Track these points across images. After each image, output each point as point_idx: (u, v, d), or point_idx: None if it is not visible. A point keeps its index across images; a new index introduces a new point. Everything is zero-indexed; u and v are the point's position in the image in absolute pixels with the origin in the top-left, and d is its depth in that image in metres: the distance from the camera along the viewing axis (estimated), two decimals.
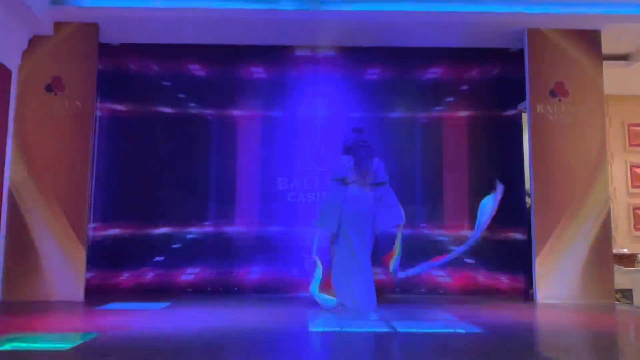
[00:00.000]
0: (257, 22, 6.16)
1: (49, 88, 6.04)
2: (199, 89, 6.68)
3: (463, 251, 5.63)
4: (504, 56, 6.68)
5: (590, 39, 6.23)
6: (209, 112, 6.68)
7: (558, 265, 5.92)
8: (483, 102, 6.74)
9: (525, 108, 6.36)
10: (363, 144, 5.52)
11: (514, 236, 6.42)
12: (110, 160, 6.50)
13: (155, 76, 6.65)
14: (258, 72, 6.75)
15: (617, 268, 6.41)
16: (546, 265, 5.93)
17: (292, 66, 6.75)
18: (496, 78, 6.72)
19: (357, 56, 6.71)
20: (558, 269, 5.92)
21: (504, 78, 6.67)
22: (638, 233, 7.76)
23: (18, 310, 5.08)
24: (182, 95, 6.68)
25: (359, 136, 5.60)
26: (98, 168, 6.37)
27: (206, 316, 4.87)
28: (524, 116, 6.51)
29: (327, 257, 5.52)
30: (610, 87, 6.61)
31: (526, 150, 6.41)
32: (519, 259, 6.33)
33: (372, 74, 6.76)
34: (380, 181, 5.46)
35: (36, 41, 6.05)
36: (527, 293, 6.20)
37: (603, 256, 5.96)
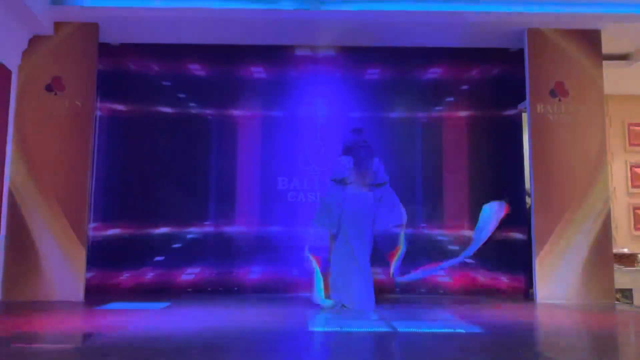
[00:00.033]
0: (257, 22, 6.16)
1: (49, 88, 6.03)
2: (199, 89, 6.68)
3: (461, 260, 5.63)
4: (504, 56, 6.68)
5: (590, 39, 6.23)
6: (209, 112, 6.69)
7: (558, 265, 5.92)
8: (483, 102, 6.73)
9: (525, 108, 6.36)
10: (363, 145, 5.51)
11: (514, 236, 6.42)
12: (110, 160, 6.50)
13: (155, 76, 6.65)
14: (258, 72, 6.75)
15: (617, 268, 6.40)
16: (546, 265, 5.93)
17: (292, 66, 6.74)
18: (496, 78, 6.72)
19: (357, 56, 6.71)
20: (558, 269, 5.92)
21: (504, 78, 6.67)
22: (638, 233, 7.76)
23: (18, 310, 5.07)
24: (182, 95, 6.68)
25: (359, 136, 5.59)
26: (98, 168, 6.37)
27: (206, 316, 4.87)
28: (524, 116, 6.51)
29: (321, 258, 5.52)
30: (610, 87, 6.61)
31: (526, 150, 6.41)
32: (519, 259, 6.34)
33: (372, 74, 6.76)
34: (380, 181, 5.46)
35: (36, 41, 6.05)
36: (527, 293, 6.21)
37: (603, 256, 5.96)
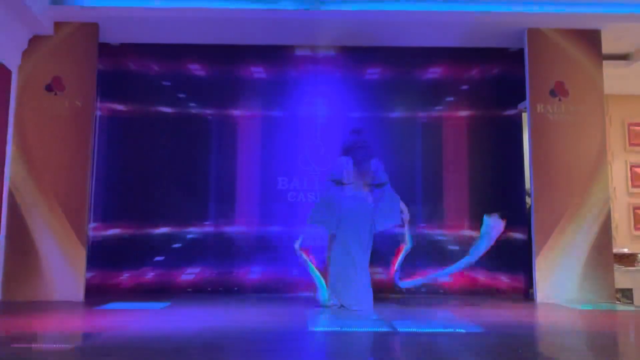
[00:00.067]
0: (257, 22, 6.16)
1: (49, 88, 6.03)
2: (199, 89, 6.68)
3: (461, 268, 5.64)
4: (504, 56, 6.68)
5: (590, 39, 6.23)
6: (209, 112, 6.69)
7: (558, 265, 5.92)
8: (483, 102, 6.73)
9: (525, 108, 6.36)
10: (361, 145, 5.51)
11: (514, 236, 6.41)
12: (110, 160, 6.50)
13: (155, 76, 6.65)
14: (258, 72, 6.75)
15: (618, 268, 6.41)
16: (546, 265, 5.93)
17: (292, 66, 6.74)
18: (496, 78, 6.72)
19: (357, 56, 6.70)
20: (558, 269, 5.92)
21: (504, 78, 6.67)
22: (638, 233, 7.75)
23: (18, 310, 5.07)
24: (182, 95, 6.68)
25: (358, 137, 5.59)
26: (98, 168, 6.37)
27: (206, 316, 4.87)
28: (524, 116, 6.51)
29: (311, 249, 5.61)
30: (610, 87, 6.61)
31: (526, 150, 6.41)
32: (519, 259, 6.34)
33: (372, 74, 6.76)
34: (379, 182, 5.46)
35: (36, 41, 6.05)
36: (527, 293, 6.20)
37: (603, 256, 5.96)
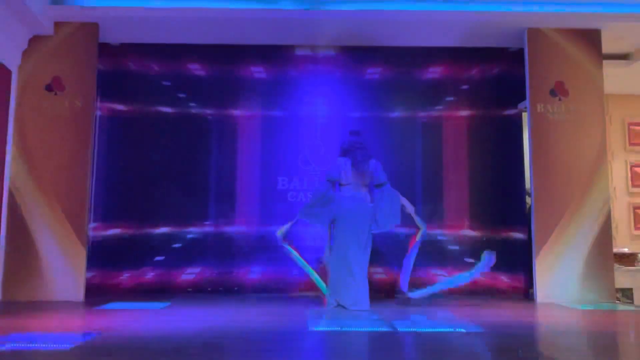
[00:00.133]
0: (257, 22, 6.16)
1: (49, 88, 6.03)
2: (199, 89, 6.68)
3: (460, 283, 5.67)
4: (504, 56, 6.68)
5: (590, 39, 6.22)
6: (209, 112, 6.69)
7: (558, 264, 5.92)
8: (483, 102, 6.73)
9: (525, 107, 6.36)
10: (360, 146, 5.52)
11: (514, 236, 6.42)
12: (110, 160, 6.50)
13: (155, 76, 6.65)
14: (258, 72, 6.75)
15: (618, 267, 6.40)
16: (546, 264, 5.93)
17: (293, 66, 6.74)
18: (496, 77, 6.71)
19: (357, 56, 6.70)
20: (558, 269, 5.92)
21: (504, 77, 6.66)
22: (638, 232, 7.76)
23: (18, 310, 5.07)
24: (182, 95, 6.68)
25: (356, 138, 5.60)
26: (98, 168, 6.37)
27: (206, 316, 4.88)
28: (524, 115, 6.51)
29: (313, 258, 5.75)
30: (610, 87, 6.61)
31: (526, 149, 6.41)
32: (519, 259, 6.33)
33: (372, 74, 6.76)
34: (378, 182, 5.47)
35: (36, 41, 6.05)
36: (527, 293, 6.20)
37: (603, 255, 5.95)
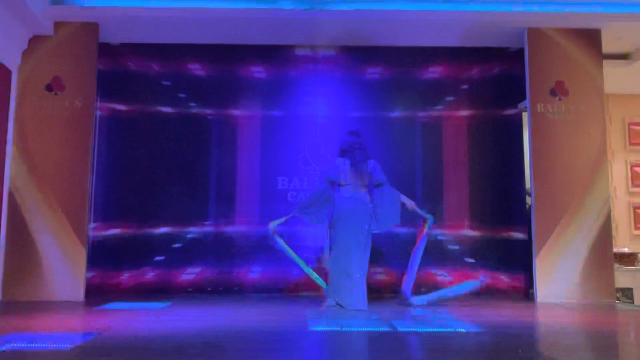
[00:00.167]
0: (257, 22, 6.16)
1: (49, 88, 6.03)
2: (199, 89, 6.68)
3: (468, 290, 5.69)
4: (504, 55, 6.67)
5: (590, 38, 6.22)
6: (209, 112, 6.68)
7: (558, 264, 5.92)
8: (483, 102, 6.73)
9: (525, 107, 6.36)
10: (359, 147, 5.51)
11: (514, 235, 6.41)
12: (110, 160, 6.49)
13: (155, 76, 6.65)
14: (258, 72, 6.75)
15: (618, 267, 6.40)
16: (546, 264, 5.93)
17: (292, 66, 6.74)
18: (496, 77, 6.71)
19: (357, 56, 6.70)
20: (558, 268, 5.91)
21: (504, 77, 6.66)
22: (638, 232, 7.76)
23: (18, 310, 5.07)
24: (182, 95, 6.68)
25: (355, 139, 5.59)
26: (98, 168, 6.36)
27: (206, 316, 4.87)
28: (524, 115, 6.50)
29: (313, 258, 5.80)
30: (610, 86, 6.61)
31: (526, 149, 6.41)
32: (519, 258, 6.33)
33: (372, 74, 6.76)
34: (377, 182, 5.47)
35: (36, 41, 6.05)
36: (527, 292, 6.20)
37: (603, 255, 5.95)
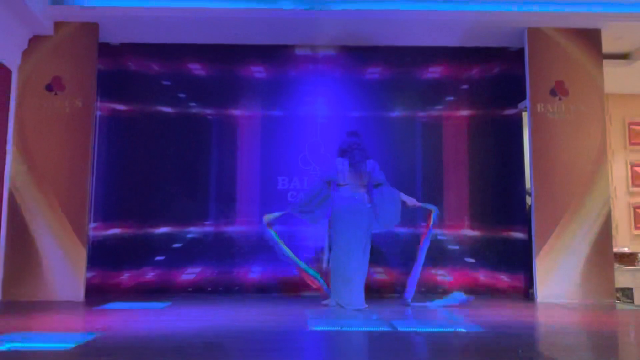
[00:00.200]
0: (257, 22, 6.16)
1: (49, 88, 6.03)
2: (199, 89, 6.68)
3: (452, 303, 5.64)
4: (504, 55, 6.67)
5: (590, 38, 6.22)
6: (209, 112, 6.68)
7: (558, 264, 5.92)
8: (483, 101, 6.73)
9: (525, 107, 6.36)
10: (358, 147, 5.51)
11: (514, 235, 6.41)
12: (110, 160, 6.49)
13: (155, 76, 6.65)
14: (258, 72, 6.75)
15: (618, 267, 6.40)
16: (546, 264, 5.93)
17: (292, 66, 6.74)
18: (496, 77, 6.70)
19: (357, 56, 6.69)
20: (558, 268, 5.91)
21: (504, 77, 6.66)
22: (638, 232, 7.76)
23: (18, 310, 5.07)
24: (183, 95, 6.68)
25: (354, 139, 5.59)
26: (98, 168, 6.36)
27: (206, 316, 4.87)
28: (525, 115, 6.50)
29: (307, 256, 5.80)
30: (610, 86, 6.61)
31: (526, 149, 6.41)
32: (519, 258, 6.33)
33: (372, 74, 6.75)
34: (376, 182, 5.47)
35: (36, 41, 6.05)
36: (527, 292, 6.20)
37: (603, 255, 5.95)
